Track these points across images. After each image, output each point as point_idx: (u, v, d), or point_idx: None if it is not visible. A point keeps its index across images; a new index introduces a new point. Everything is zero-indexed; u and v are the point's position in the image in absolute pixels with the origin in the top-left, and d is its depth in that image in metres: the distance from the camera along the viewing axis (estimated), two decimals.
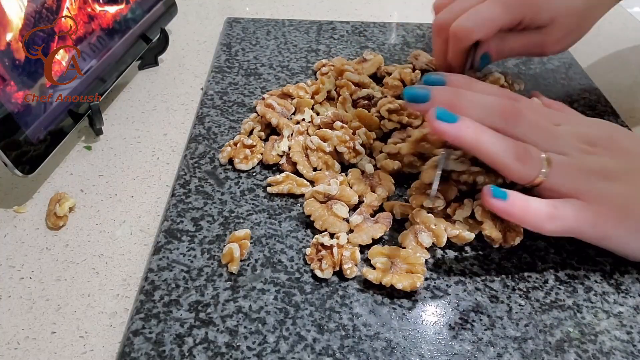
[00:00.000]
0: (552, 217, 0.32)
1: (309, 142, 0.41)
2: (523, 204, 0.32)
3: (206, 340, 0.30)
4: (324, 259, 0.34)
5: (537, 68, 0.55)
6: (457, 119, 0.33)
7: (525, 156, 0.33)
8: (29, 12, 0.40)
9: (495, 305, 0.33)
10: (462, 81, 0.38)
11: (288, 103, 0.46)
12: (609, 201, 0.33)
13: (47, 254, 0.36)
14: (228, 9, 0.68)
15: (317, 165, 0.41)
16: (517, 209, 0.32)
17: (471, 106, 0.35)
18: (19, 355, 0.31)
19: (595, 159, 0.34)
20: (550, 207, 0.33)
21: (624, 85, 0.56)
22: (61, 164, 0.44)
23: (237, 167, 0.41)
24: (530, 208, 0.32)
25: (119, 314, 0.33)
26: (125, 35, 0.51)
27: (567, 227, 0.33)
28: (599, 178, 0.33)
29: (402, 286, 0.32)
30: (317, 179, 0.39)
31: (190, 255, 0.35)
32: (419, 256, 0.34)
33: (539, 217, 0.32)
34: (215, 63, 0.54)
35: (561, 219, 0.32)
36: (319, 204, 0.37)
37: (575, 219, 0.33)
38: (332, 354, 0.30)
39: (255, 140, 0.43)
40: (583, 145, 0.35)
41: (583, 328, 0.32)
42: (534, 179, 0.33)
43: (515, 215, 0.33)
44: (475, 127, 0.33)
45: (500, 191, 0.33)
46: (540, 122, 0.35)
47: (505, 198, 0.32)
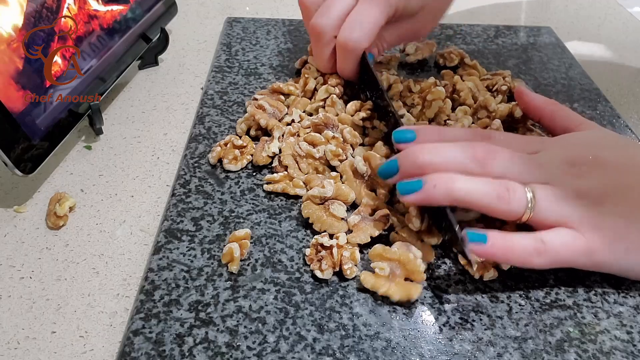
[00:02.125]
0: (540, 252, 0.31)
1: (297, 148, 0.40)
2: (505, 244, 0.31)
3: (206, 340, 0.30)
4: (323, 259, 0.34)
5: (537, 68, 0.55)
6: (421, 184, 0.32)
7: (509, 194, 0.32)
8: (29, 12, 0.40)
9: (495, 305, 0.33)
10: (431, 133, 0.36)
11: (281, 104, 0.46)
12: (600, 227, 0.32)
13: (47, 254, 0.36)
14: (228, 9, 0.68)
15: (307, 172, 0.40)
16: (499, 250, 0.31)
17: (440, 161, 0.33)
18: (19, 355, 0.31)
19: (581, 184, 0.33)
20: (538, 241, 0.31)
21: (624, 85, 0.56)
22: (61, 163, 0.44)
23: (226, 167, 0.41)
24: (514, 247, 0.31)
25: (119, 313, 0.33)
26: (125, 34, 0.51)
27: (559, 259, 0.32)
28: (587, 203, 0.32)
29: (398, 298, 0.32)
30: (310, 181, 0.39)
31: (190, 255, 0.35)
32: (419, 263, 0.33)
33: (525, 253, 0.31)
34: (215, 63, 0.54)
35: (550, 253, 0.31)
36: (316, 206, 0.37)
37: (567, 250, 0.32)
38: (332, 354, 0.30)
39: (245, 140, 0.43)
40: (566, 168, 0.33)
41: (583, 328, 0.32)
42: (522, 215, 0.32)
43: (498, 257, 0.32)
44: (443, 182, 0.32)
45: (477, 235, 0.31)
46: (516, 155, 0.34)
47: (484, 241, 0.31)
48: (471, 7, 0.71)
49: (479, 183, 0.32)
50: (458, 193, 0.32)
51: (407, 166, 0.34)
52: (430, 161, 0.33)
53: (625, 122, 0.48)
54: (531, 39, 0.60)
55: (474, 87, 0.48)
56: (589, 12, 0.71)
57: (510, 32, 0.62)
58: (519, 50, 0.58)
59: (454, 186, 0.32)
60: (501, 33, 0.61)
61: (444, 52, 0.54)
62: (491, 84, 0.49)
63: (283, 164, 0.41)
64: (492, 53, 0.57)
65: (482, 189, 0.32)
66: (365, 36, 0.41)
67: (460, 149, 0.34)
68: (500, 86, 0.48)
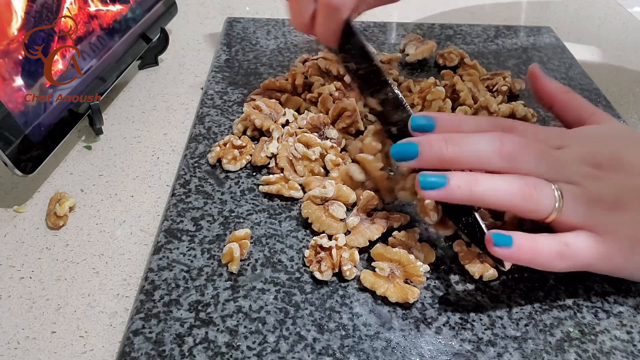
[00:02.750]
0: (563, 255, 0.30)
1: (292, 150, 0.40)
2: (531, 247, 0.30)
3: (206, 340, 0.30)
4: (323, 260, 0.33)
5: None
6: (445, 181, 0.31)
7: (536, 194, 0.31)
8: (29, 12, 0.40)
9: (495, 305, 0.33)
10: (451, 122, 0.35)
11: (278, 105, 0.45)
12: (622, 232, 0.31)
13: (47, 254, 0.36)
14: (228, 9, 0.68)
15: (304, 174, 0.40)
16: (525, 253, 0.30)
17: (464, 156, 0.32)
18: (19, 355, 0.31)
19: (605, 186, 0.32)
20: (561, 244, 0.31)
21: (624, 85, 0.56)
22: (61, 163, 0.44)
23: (225, 167, 0.41)
24: (538, 249, 0.30)
25: (119, 313, 0.33)
26: (125, 34, 0.51)
27: (580, 263, 0.31)
28: (610, 207, 0.31)
29: (395, 299, 0.32)
30: (308, 184, 0.39)
31: (190, 255, 0.35)
32: (419, 265, 0.33)
33: (550, 257, 0.30)
34: (215, 63, 0.54)
35: (573, 257, 0.31)
36: (316, 206, 0.37)
37: (589, 254, 0.31)
38: (332, 354, 0.30)
39: (245, 141, 0.43)
40: (590, 169, 0.33)
41: (583, 328, 0.32)
42: (548, 215, 0.31)
43: (524, 260, 0.31)
44: (467, 181, 0.31)
45: (502, 237, 0.30)
46: (542, 151, 0.33)
47: (510, 244, 0.30)
48: (471, 7, 0.71)
49: (504, 183, 0.31)
50: (481, 195, 0.31)
51: (430, 156, 0.32)
52: (456, 155, 0.32)
53: (625, 122, 0.48)
54: (531, 39, 0.60)
55: (474, 87, 0.48)
56: (589, 12, 0.71)
57: (510, 32, 0.62)
58: (519, 50, 0.58)
59: (478, 189, 0.31)
60: (501, 33, 0.61)
61: (444, 52, 0.54)
62: (491, 84, 0.49)
63: (279, 166, 0.41)
64: (492, 53, 0.57)
65: (506, 189, 0.31)
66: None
67: (487, 143, 0.32)
68: (501, 86, 0.48)
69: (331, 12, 0.38)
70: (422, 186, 0.32)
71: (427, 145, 0.33)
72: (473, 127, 0.35)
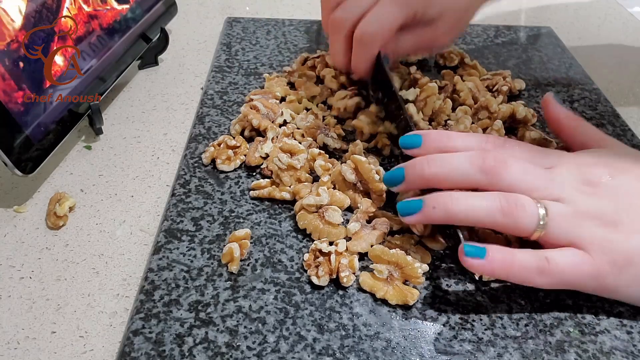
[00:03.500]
0: (543, 271, 0.30)
1: (276, 161, 0.39)
2: (505, 260, 0.30)
3: (206, 340, 0.30)
4: (320, 265, 0.33)
5: (537, 68, 0.55)
6: (420, 204, 0.32)
7: (517, 211, 0.30)
8: (29, 12, 0.40)
9: (495, 305, 0.33)
10: (439, 138, 0.35)
11: (275, 105, 0.45)
12: (610, 250, 0.30)
13: (47, 254, 0.36)
14: (228, 9, 0.68)
15: (290, 184, 0.39)
16: (498, 266, 0.30)
17: (443, 173, 0.32)
18: (19, 355, 0.31)
19: (595, 203, 0.31)
20: (542, 260, 0.30)
21: (624, 85, 0.56)
22: (61, 163, 0.44)
23: (219, 167, 0.41)
24: (514, 264, 0.30)
25: (119, 313, 0.33)
26: (125, 34, 0.51)
27: (566, 280, 0.31)
28: (600, 224, 0.31)
29: (395, 302, 0.32)
30: (297, 192, 0.38)
31: (190, 255, 0.35)
32: (417, 267, 0.33)
33: (527, 272, 0.30)
34: (215, 63, 0.54)
35: (555, 274, 0.30)
36: (311, 216, 0.36)
37: (575, 272, 0.30)
38: (332, 354, 0.30)
39: (239, 141, 0.42)
40: (580, 185, 0.32)
41: (583, 328, 0.32)
42: (532, 233, 0.31)
43: (497, 274, 0.31)
44: (442, 202, 0.31)
45: (475, 249, 0.30)
46: (529, 168, 0.32)
47: (482, 256, 0.30)
48: None
49: (482, 200, 0.31)
50: (457, 215, 0.31)
51: (413, 178, 0.34)
52: (436, 174, 0.32)
53: (625, 122, 0.48)
54: (531, 39, 0.60)
55: (474, 87, 0.48)
56: (589, 12, 0.71)
57: (510, 32, 0.62)
58: (519, 50, 0.58)
59: (453, 208, 0.31)
60: (501, 33, 0.61)
61: (444, 52, 0.54)
62: (491, 84, 0.49)
63: (269, 168, 0.41)
64: (492, 53, 0.57)
65: (485, 206, 0.31)
66: (381, 31, 0.41)
67: (468, 160, 0.32)
68: (501, 86, 0.48)
69: (362, 46, 0.42)
70: (401, 213, 0.33)
71: (411, 167, 0.34)
72: (461, 145, 0.35)
